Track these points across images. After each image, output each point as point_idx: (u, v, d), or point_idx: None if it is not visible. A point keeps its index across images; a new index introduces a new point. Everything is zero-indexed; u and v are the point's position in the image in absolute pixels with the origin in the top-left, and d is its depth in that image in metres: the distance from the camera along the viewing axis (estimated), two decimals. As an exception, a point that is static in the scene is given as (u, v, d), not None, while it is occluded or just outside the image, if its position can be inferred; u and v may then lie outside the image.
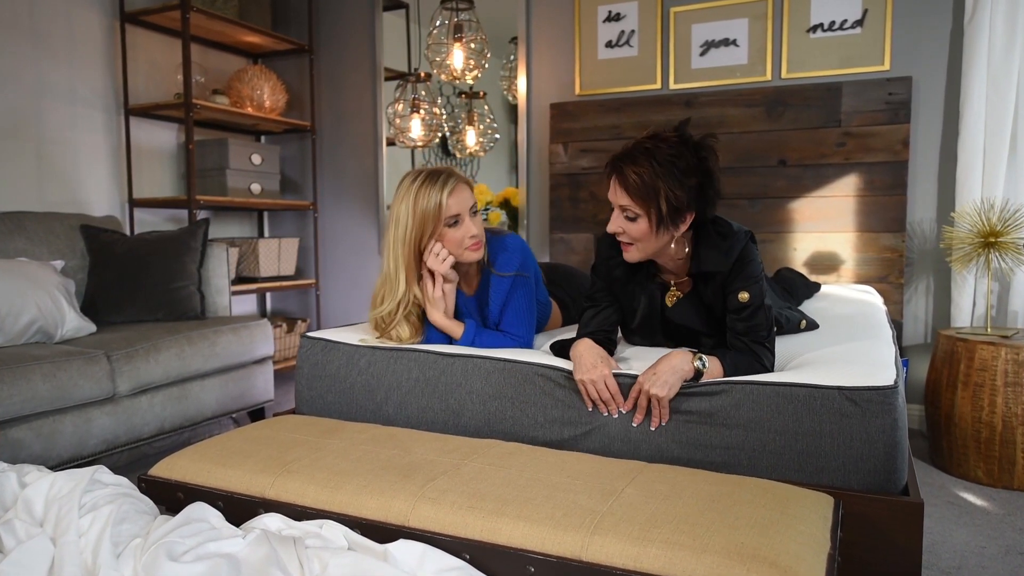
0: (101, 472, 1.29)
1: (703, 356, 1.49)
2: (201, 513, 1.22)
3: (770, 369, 1.54)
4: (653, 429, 1.47)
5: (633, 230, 1.56)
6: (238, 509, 1.32)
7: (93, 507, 1.17)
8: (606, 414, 1.51)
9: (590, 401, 1.53)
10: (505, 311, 1.86)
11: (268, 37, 3.85)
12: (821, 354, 1.60)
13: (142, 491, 1.40)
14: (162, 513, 1.33)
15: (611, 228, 1.59)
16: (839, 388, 1.33)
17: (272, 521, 1.23)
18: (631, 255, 1.61)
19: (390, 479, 1.28)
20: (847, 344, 1.70)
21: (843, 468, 1.33)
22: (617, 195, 1.55)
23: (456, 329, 1.84)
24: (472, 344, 1.82)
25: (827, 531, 1.11)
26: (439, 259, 1.78)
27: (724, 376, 1.49)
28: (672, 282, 1.72)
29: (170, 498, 1.39)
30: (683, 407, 1.45)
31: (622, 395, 1.51)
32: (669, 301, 1.73)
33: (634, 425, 1.48)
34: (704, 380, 1.47)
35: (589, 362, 1.53)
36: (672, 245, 1.59)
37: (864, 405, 1.32)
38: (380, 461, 1.37)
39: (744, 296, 1.55)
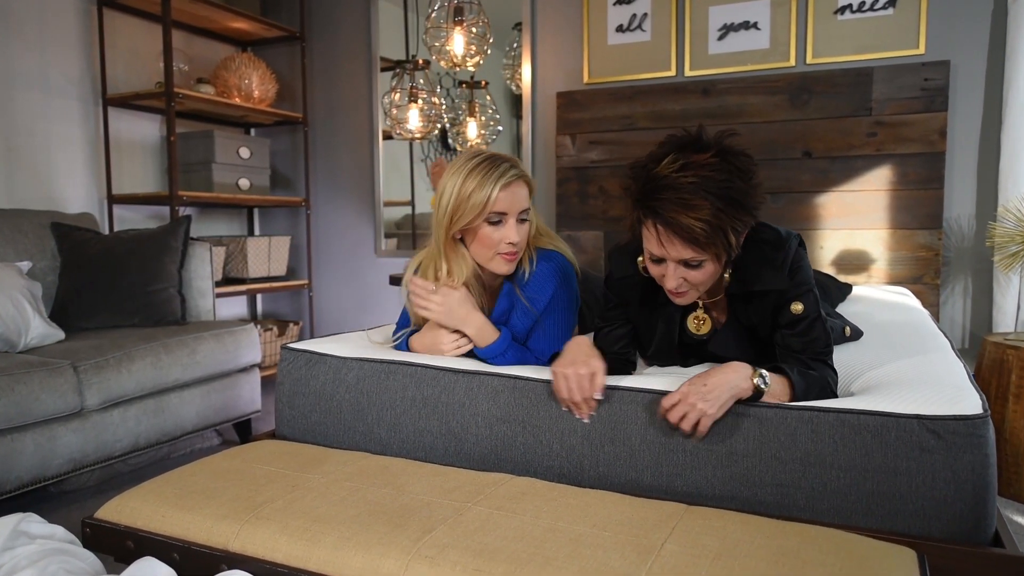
0: (29, 521, 1.06)
1: (764, 373, 1.24)
2: (149, 573, 1.00)
3: (836, 392, 1.32)
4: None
5: (698, 277, 1.30)
6: (196, 563, 1.10)
7: (13, 569, 0.95)
8: (578, 417, 1.32)
9: (563, 400, 1.32)
10: (535, 332, 1.63)
11: (257, 23, 3.62)
12: (884, 373, 1.37)
13: (85, 538, 1.18)
14: (108, 569, 1.11)
15: (670, 285, 1.31)
16: (918, 417, 1.11)
17: (236, 581, 1.02)
18: (687, 299, 1.36)
19: (379, 529, 1.06)
20: (907, 359, 1.47)
21: (922, 513, 1.11)
22: (675, 249, 1.26)
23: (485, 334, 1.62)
24: (496, 361, 1.57)
25: (920, 601, 0.89)
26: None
27: (792, 401, 1.25)
28: (700, 303, 1.47)
29: (118, 547, 1.17)
30: (728, 435, 1.22)
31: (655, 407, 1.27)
32: (693, 326, 1.48)
33: (585, 422, 1.31)
34: (763, 401, 1.24)
35: (572, 355, 1.32)
36: None
37: (949, 438, 1.10)
38: (368, 504, 1.15)
39: (798, 308, 1.32)
